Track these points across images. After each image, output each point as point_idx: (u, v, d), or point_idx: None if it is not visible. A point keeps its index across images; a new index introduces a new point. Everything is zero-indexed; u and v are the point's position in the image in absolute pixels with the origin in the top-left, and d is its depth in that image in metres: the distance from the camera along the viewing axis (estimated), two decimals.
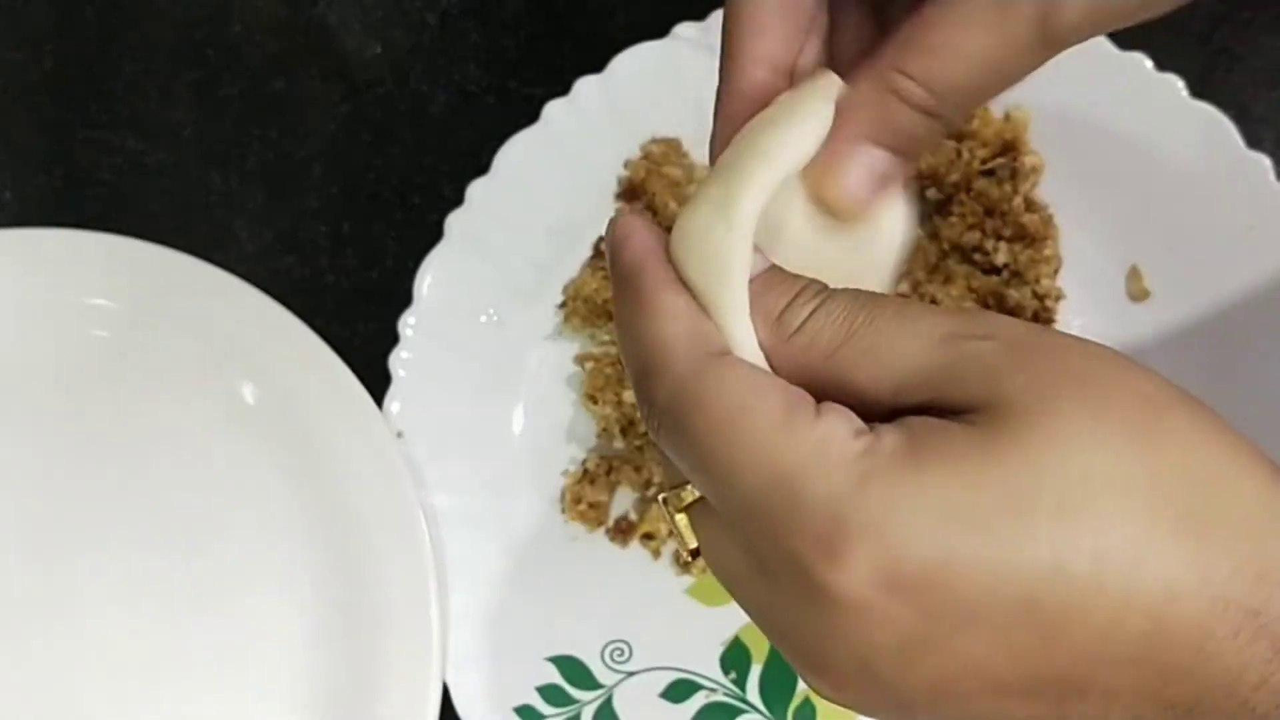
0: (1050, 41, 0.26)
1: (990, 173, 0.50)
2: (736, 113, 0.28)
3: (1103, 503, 0.22)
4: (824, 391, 0.25)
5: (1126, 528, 0.22)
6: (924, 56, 0.26)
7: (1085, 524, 0.22)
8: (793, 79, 0.29)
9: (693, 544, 0.27)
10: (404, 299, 0.51)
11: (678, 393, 0.25)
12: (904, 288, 0.49)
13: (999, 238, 0.49)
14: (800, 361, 0.26)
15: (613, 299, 0.27)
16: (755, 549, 0.24)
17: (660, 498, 0.28)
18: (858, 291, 0.26)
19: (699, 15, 0.52)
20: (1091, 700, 0.23)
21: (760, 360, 0.26)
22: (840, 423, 0.24)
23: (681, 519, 0.27)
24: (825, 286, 0.26)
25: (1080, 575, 0.22)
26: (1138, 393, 0.24)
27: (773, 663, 0.48)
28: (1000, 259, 0.49)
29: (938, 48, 0.26)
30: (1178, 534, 0.22)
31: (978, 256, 0.50)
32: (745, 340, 0.26)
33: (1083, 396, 0.23)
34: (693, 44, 0.52)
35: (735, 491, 0.24)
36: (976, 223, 0.50)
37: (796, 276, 0.27)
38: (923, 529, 0.22)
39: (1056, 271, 0.49)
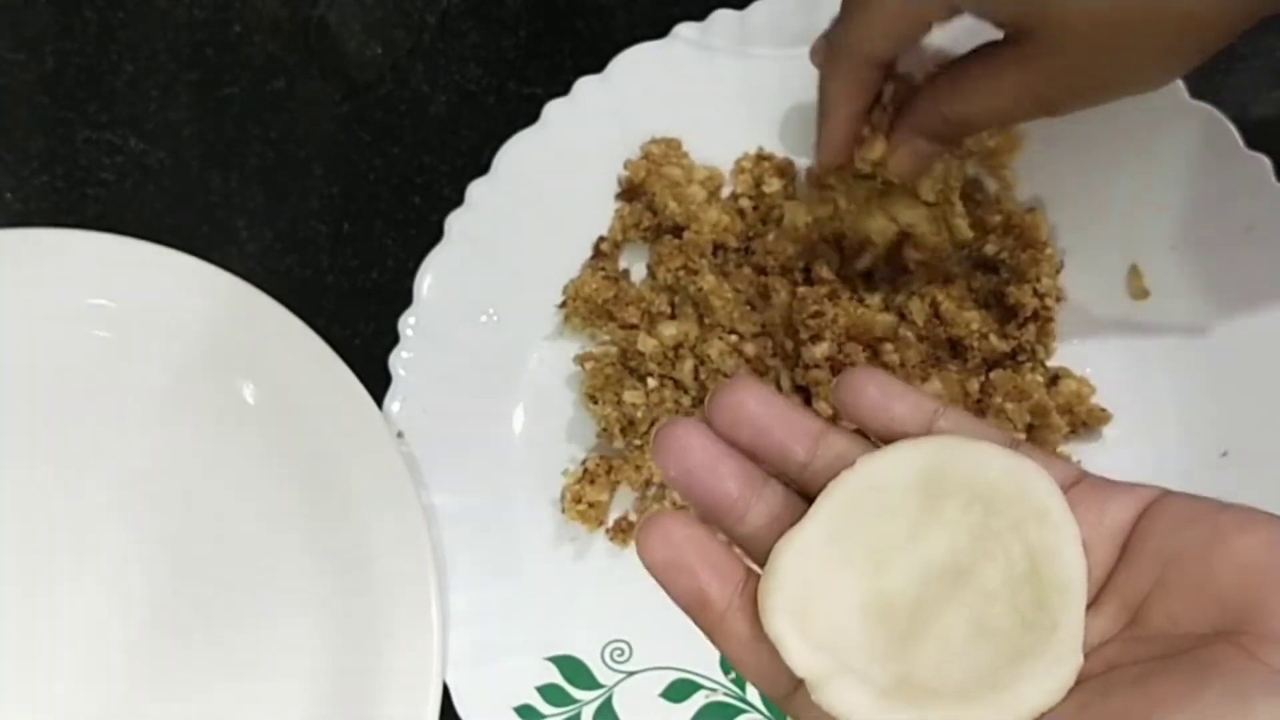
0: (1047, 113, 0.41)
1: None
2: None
3: None
4: None
5: None
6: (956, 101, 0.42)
7: None
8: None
9: None
10: (404, 299, 0.51)
11: None
12: (901, 298, 0.49)
13: (990, 231, 0.50)
14: None
15: None
16: None
17: None
18: None
19: (699, 15, 0.52)
20: None
21: None
22: None
23: None
24: None
25: None
26: None
27: None
28: (990, 250, 0.49)
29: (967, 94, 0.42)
30: None
31: (976, 255, 0.50)
32: None
33: None
34: (693, 44, 0.52)
35: None
36: (975, 222, 0.50)
37: None
38: None
39: (1058, 271, 0.49)
